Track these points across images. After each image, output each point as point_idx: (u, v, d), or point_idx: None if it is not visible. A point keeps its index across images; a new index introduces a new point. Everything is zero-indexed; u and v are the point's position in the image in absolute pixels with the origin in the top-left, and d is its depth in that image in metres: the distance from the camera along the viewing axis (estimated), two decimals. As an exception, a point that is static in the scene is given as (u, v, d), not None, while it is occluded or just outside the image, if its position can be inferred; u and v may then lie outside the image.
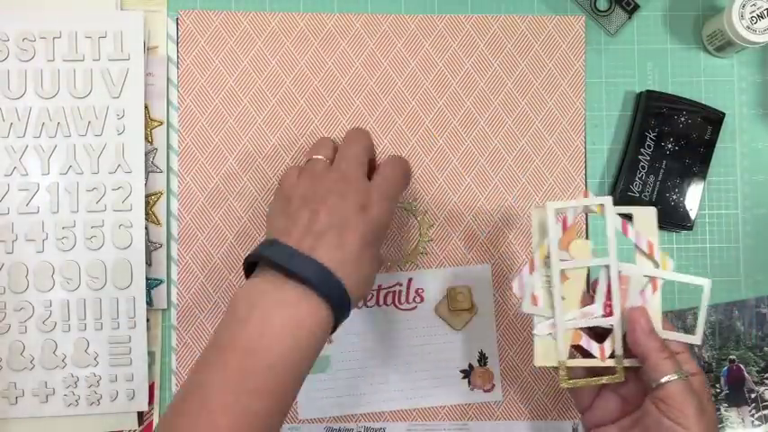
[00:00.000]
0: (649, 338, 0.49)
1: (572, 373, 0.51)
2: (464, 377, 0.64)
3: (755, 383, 0.64)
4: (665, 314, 0.52)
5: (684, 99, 0.65)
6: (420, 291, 0.64)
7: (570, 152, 0.65)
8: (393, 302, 0.64)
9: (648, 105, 0.64)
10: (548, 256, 0.51)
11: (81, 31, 0.62)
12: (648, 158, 0.64)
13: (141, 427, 0.62)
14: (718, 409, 0.64)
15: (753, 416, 0.64)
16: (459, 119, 0.65)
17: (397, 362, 0.64)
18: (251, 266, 0.51)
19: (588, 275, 0.52)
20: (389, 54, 0.65)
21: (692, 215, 0.64)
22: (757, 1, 0.61)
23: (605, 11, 0.66)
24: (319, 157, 0.55)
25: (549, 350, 0.51)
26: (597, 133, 0.66)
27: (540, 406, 0.64)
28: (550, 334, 0.51)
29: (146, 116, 0.63)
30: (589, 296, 0.51)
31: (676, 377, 0.47)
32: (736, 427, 0.64)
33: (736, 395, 0.64)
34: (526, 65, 0.66)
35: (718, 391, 0.64)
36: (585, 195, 0.51)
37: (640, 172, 0.64)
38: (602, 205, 0.50)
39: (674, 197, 0.64)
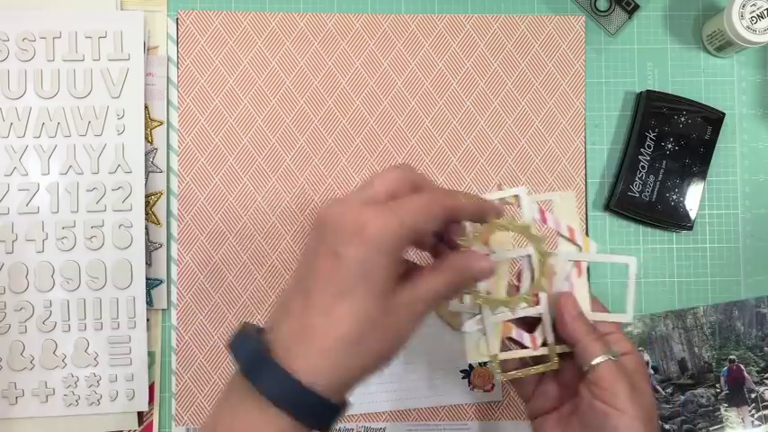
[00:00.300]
0: (576, 322, 0.48)
1: (509, 364, 0.51)
2: (464, 377, 0.64)
3: (755, 383, 0.64)
4: (593, 297, 0.50)
5: (684, 99, 0.65)
6: (420, 291, 0.64)
7: (570, 152, 0.65)
8: (393, 302, 0.64)
9: (648, 105, 0.64)
10: None
11: (81, 31, 0.62)
12: (648, 158, 0.64)
13: (141, 427, 0.62)
14: (718, 409, 0.64)
15: (753, 416, 0.64)
16: (459, 119, 0.65)
17: (396, 362, 0.64)
18: None
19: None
20: (389, 54, 0.65)
21: (692, 215, 0.64)
22: (757, 1, 0.61)
23: (605, 11, 0.66)
24: None
25: (480, 345, 0.50)
26: (597, 133, 0.66)
27: (540, 406, 0.64)
28: (480, 329, 0.50)
29: (146, 116, 0.63)
30: (515, 287, 0.51)
31: (605, 358, 0.46)
32: (736, 427, 0.64)
33: (736, 395, 0.64)
34: (526, 65, 0.66)
35: (718, 391, 0.64)
36: (500, 188, 0.50)
37: (640, 172, 0.64)
38: (516, 196, 0.50)
39: (674, 197, 0.64)
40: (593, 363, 0.47)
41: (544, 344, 0.50)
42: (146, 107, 0.63)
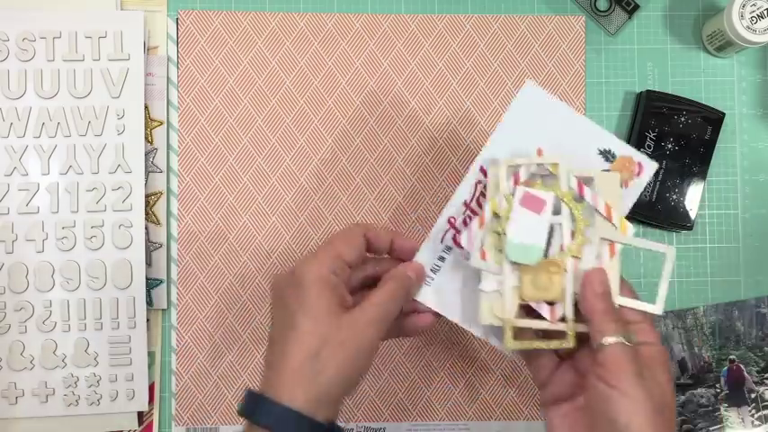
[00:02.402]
0: (597, 299, 0.45)
1: (522, 335, 0.47)
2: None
3: (755, 383, 0.64)
4: (622, 279, 0.48)
5: (684, 99, 0.65)
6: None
7: (570, 152, 0.65)
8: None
9: (648, 105, 0.64)
10: (496, 213, 0.48)
11: (81, 31, 0.62)
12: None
13: (141, 427, 0.62)
14: (718, 410, 0.64)
15: (753, 416, 0.64)
16: (459, 119, 0.65)
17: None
18: None
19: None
20: (389, 54, 0.65)
21: (692, 215, 0.64)
22: (757, 1, 0.61)
23: (605, 11, 0.66)
24: None
25: (495, 308, 0.47)
26: (597, 133, 0.66)
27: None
28: (498, 291, 0.47)
29: (146, 116, 0.63)
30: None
31: (617, 339, 0.43)
32: (736, 427, 0.64)
33: (736, 395, 0.64)
34: (526, 65, 0.66)
35: (718, 391, 0.64)
36: (540, 154, 0.48)
37: (640, 172, 0.64)
38: (556, 164, 0.48)
39: (674, 197, 0.64)
40: (603, 342, 0.43)
41: (563, 319, 0.47)
42: (146, 107, 0.63)
